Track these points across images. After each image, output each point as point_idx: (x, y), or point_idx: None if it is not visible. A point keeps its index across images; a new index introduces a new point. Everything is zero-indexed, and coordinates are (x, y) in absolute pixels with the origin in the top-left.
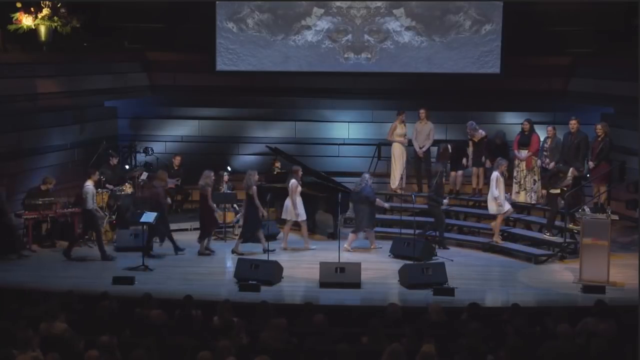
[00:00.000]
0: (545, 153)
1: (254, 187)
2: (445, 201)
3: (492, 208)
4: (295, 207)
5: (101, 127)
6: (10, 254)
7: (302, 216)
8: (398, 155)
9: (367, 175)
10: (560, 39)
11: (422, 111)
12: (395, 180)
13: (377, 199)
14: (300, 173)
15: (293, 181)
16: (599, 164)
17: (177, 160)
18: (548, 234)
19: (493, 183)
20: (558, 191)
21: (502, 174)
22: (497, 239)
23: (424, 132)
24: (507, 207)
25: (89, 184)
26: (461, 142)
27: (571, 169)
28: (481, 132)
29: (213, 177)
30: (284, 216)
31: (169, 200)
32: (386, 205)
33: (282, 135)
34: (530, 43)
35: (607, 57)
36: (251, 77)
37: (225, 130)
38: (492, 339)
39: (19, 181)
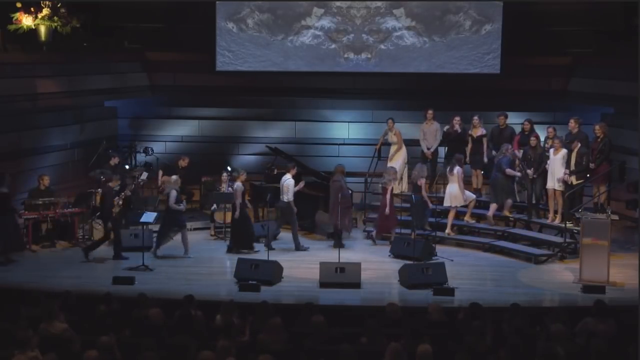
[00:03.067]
0: (547, 154)
1: (423, 179)
2: (530, 171)
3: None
4: (463, 193)
5: (101, 127)
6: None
7: (471, 196)
8: (395, 157)
9: (509, 146)
10: (560, 39)
11: (430, 112)
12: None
13: (509, 169)
14: (464, 161)
15: (458, 168)
16: (599, 164)
17: (184, 161)
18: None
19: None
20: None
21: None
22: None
23: (430, 132)
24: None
25: (289, 177)
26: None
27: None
28: (482, 130)
29: (394, 174)
30: (446, 203)
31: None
32: (518, 174)
33: (282, 135)
34: (530, 43)
35: (607, 57)
36: (251, 77)
37: (225, 130)
38: (492, 339)
39: (19, 181)
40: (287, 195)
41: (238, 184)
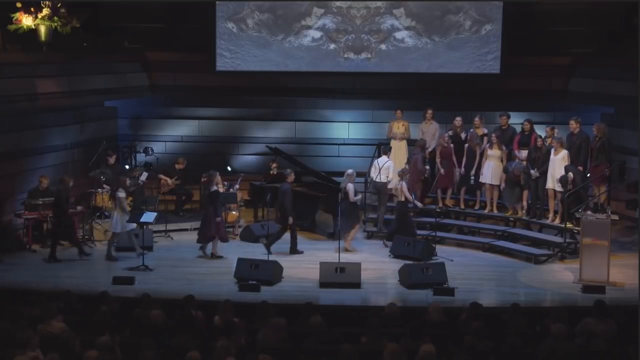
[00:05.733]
0: None
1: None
2: (533, 171)
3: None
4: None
5: (101, 127)
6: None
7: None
8: (393, 155)
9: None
10: (560, 39)
11: (429, 111)
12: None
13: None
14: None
15: (494, 136)
16: (599, 165)
17: (181, 164)
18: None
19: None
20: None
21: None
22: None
23: (429, 132)
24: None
25: (386, 159)
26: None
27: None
28: (484, 130)
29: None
30: (483, 180)
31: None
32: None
33: (282, 135)
34: (530, 43)
35: (607, 57)
36: (251, 77)
37: (225, 130)
38: (492, 339)
39: (19, 181)
40: (387, 176)
41: (402, 183)
